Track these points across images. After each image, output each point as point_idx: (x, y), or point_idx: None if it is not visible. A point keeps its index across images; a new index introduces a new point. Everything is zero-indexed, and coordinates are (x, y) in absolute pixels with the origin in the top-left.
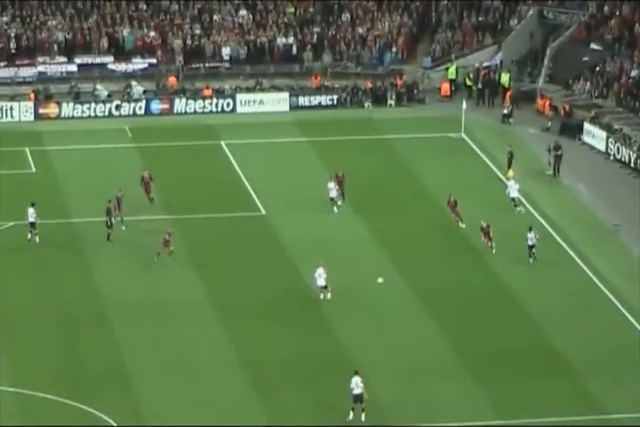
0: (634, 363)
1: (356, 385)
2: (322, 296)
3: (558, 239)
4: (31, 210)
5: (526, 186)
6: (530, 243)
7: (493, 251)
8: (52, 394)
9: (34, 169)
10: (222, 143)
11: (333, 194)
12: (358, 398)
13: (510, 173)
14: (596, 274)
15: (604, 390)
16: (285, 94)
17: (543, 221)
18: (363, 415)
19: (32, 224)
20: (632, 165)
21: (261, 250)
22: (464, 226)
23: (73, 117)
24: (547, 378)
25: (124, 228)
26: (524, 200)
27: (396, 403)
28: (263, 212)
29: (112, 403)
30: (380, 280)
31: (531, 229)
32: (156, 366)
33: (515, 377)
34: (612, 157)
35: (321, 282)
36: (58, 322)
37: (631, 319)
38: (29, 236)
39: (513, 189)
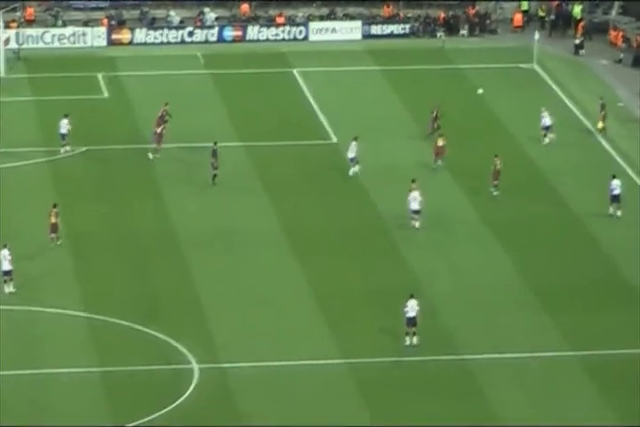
0: None
1: (411, 308)
2: (412, 223)
3: (630, 172)
4: (65, 121)
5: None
6: (615, 193)
7: (495, 193)
8: (124, 320)
9: (106, 94)
10: (294, 71)
11: (352, 155)
12: (412, 322)
13: (600, 124)
14: None
15: None
16: (358, 23)
17: (615, 155)
18: (415, 339)
19: (63, 136)
20: None
21: (333, 178)
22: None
23: (145, 44)
24: (617, 310)
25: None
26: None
27: (465, 331)
28: (334, 140)
29: (184, 331)
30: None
31: (614, 177)
32: (228, 296)
33: (585, 309)
34: None
35: (414, 206)
36: (129, 249)
37: None
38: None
39: (546, 119)
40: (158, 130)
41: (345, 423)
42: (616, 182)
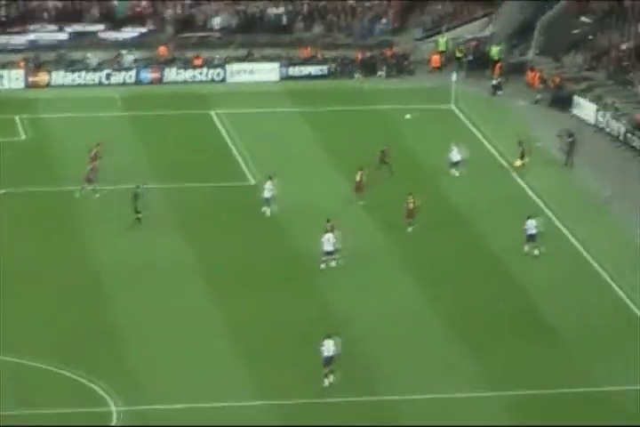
0: (621, 334)
1: (328, 349)
2: (328, 263)
3: (547, 212)
4: None
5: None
6: (532, 232)
7: (409, 229)
8: (41, 361)
9: (23, 137)
10: (212, 113)
11: (268, 194)
12: (328, 361)
13: (518, 162)
14: (584, 246)
15: (592, 362)
16: (276, 64)
17: (532, 194)
18: (331, 377)
19: None
20: (621, 138)
21: (251, 219)
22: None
23: (63, 86)
24: (535, 348)
25: (97, 195)
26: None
27: (383, 370)
28: (252, 181)
29: (102, 373)
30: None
31: (529, 218)
32: (147, 335)
33: (503, 347)
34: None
35: (328, 247)
36: (48, 289)
37: (618, 291)
38: None
39: (455, 154)
40: (90, 168)
41: None
42: (531, 222)
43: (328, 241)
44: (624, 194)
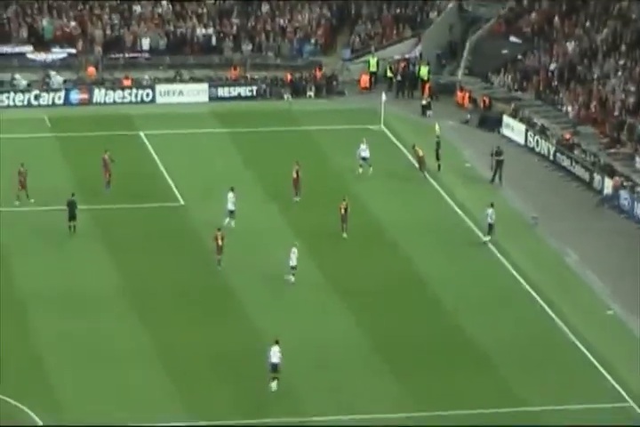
0: (550, 353)
1: (274, 354)
2: (287, 277)
3: (476, 231)
4: None
5: (444, 178)
6: (489, 221)
7: (344, 235)
8: None
9: None
10: (141, 134)
11: (231, 207)
12: (274, 367)
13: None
14: (514, 266)
15: (520, 382)
16: (205, 85)
17: (460, 212)
18: (274, 384)
19: None
20: (551, 158)
21: (180, 240)
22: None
23: None
24: (464, 370)
25: (32, 200)
26: (440, 190)
27: (310, 393)
28: (182, 202)
29: (31, 396)
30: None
31: (492, 205)
32: (72, 357)
33: (430, 368)
34: (530, 151)
35: (292, 262)
36: None
37: (548, 310)
38: None
39: (364, 150)
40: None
41: None
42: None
43: (294, 254)
44: (553, 214)
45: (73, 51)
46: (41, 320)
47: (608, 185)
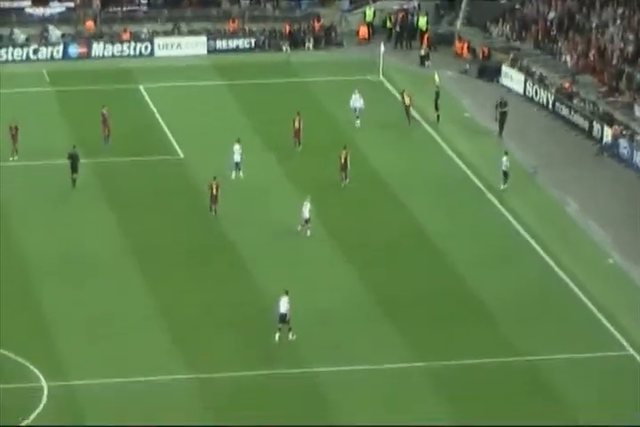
0: (551, 305)
1: (283, 305)
2: (299, 228)
3: (477, 182)
4: None
5: (443, 128)
6: (504, 169)
7: (344, 183)
8: None
9: None
10: (140, 87)
11: (237, 158)
12: (283, 318)
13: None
14: (515, 216)
15: (518, 333)
16: (203, 38)
17: (462, 164)
18: (290, 334)
19: None
20: (549, 107)
21: (180, 194)
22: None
23: None
24: (463, 321)
25: (16, 157)
26: (440, 141)
27: (311, 345)
28: (181, 155)
29: (32, 351)
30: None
31: (506, 153)
32: (75, 314)
33: (432, 321)
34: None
35: (305, 215)
36: None
37: (548, 260)
38: None
39: (357, 100)
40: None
41: None
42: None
43: (306, 208)
44: (553, 163)
45: (71, 4)
46: (42, 277)
47: (607, 134)
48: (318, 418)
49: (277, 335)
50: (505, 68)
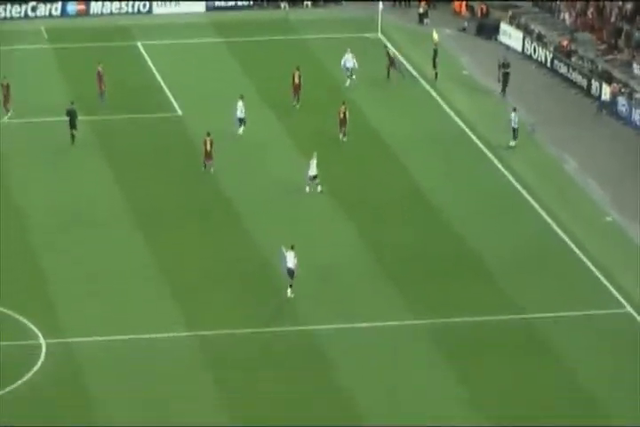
0: (549, 263)
1: (290, 260)
2: (307, 189)
3: (476, 140)
4: None
5: (441, 86)
6: (514, 125)
7: (343, 139)
8: None
9: None
10: (139, 44)
11: (240, 114)
12: (292, 273)
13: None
14: (513, 174)
15: (516, 291)
16: None
17: (460, 122)
18: (289, 292)
19: None
20: (548, 65)
21: (178, 151)
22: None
23: None
24: (462, 278)
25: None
26: (438, 99)
27: (310, 303)
28: (180, 112)
29: (30, 307)
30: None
31: (515, 110)
32: (72, 271)
33: (430, 278)
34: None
35: (312, 171)
36: None
37: (547, 218)
38: None
39: (349, 60)
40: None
41: (193, 399)
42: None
43: (313, 165)
44: (551, 121)
45: None
46: (41, 235)
47: (606, 91)
48: (318, 375)
49: (289, 291)
50: (503, 26)
